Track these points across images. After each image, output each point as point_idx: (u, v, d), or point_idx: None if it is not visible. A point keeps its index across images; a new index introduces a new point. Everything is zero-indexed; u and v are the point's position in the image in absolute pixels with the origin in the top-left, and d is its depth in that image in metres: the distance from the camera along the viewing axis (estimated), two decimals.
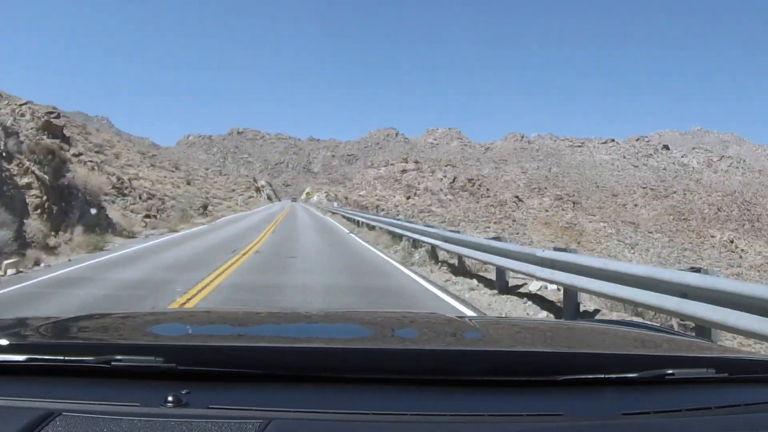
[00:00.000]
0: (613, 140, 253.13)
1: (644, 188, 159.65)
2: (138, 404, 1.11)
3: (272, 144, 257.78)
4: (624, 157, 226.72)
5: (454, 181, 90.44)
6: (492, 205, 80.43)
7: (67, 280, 10.21)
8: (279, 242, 19.37)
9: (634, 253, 75.84)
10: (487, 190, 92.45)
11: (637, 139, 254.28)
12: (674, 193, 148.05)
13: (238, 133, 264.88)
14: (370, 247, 18.88)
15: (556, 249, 7.95)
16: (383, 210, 69.36)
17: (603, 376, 1.24)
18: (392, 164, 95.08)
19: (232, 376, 1.23)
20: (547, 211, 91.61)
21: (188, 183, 55.47)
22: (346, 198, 73.55)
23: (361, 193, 79.28)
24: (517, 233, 68.64)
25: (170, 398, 1.09)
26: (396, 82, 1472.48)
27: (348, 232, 26.98)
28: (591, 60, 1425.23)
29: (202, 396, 1.14)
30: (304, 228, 28.85)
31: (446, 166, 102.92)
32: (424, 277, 11.60)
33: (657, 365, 1.29)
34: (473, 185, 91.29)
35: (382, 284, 10.76)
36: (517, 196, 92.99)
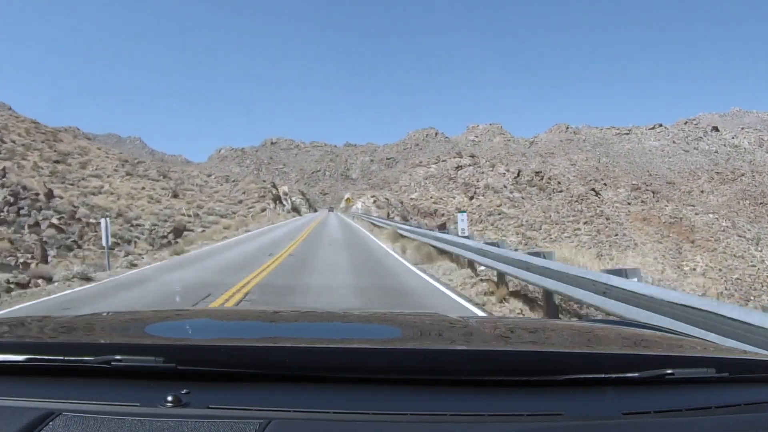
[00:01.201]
0: (660, 125, 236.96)
1: (708, 172, 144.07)
2: (138, 404, 1.10)
3: (308, 152, 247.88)
4: (674, 142, 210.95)
5: (518, 175, 76.11)
6: (575, 201, 65.79)
7: None
8: None
9: (761, 251, 60.44)
10: (559, 183, 77.78)
11: (685, 123, 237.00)
12: (742, 175, 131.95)
13: (272, 143, 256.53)
14: None
15: None
16: (443, 215, 55.58)
17: (603, 376, 1.22)
18: (444, 160, 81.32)
19: (232, 376, 1.21)
20: (629, 203, 76.54)
21: (175, 195, 41.72)
22: (402, 203, 59.66)
23: (412, 196, 65.63)
24: (616, 234, 54.11)
25: (170, 398, 1.08)
26: (432, 80, 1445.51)
27: None
28: (620, 46, 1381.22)
29: (202, 396, 1.12)
30: None
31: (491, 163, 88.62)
32: None
33: (657, 365, 1.26)
34: (541, 179, 76.74)
35: None
36: (593, 189, 77.99)
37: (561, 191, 74.18)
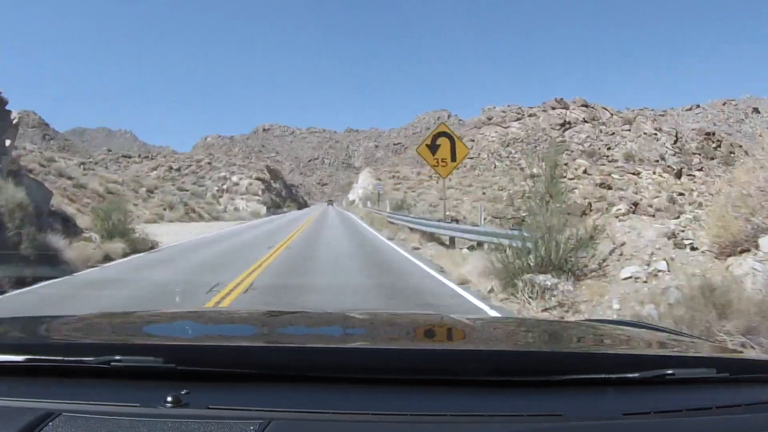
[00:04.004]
0: (698, 106, 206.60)
1: None
2: (138, 404, 1.07)
3: (304, 139, 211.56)
4: (714, 124, 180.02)
5: (677, 139, 39.83)
6: None
7: None
8: None
9: None
10: (745, 153, 42.04)
11: (724, 104, 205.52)
12: None
13: (264, 130, 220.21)
14: None
15: None
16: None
17: (603, 376, 1.18)
18: (533, 114, 44.45)
19: (231, 376, 1.18)
20: None
21: None
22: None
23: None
24: None
25: (170, 398, 1.05)
26: (442, 60, 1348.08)
27: None
28: (630, 29, 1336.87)
29: (201, 396, 1.09)
30: None
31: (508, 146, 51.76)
32: None
33: (657, 365, 1.22)
34: (718, 145, 40.44)
35: None
36: None
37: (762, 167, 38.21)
